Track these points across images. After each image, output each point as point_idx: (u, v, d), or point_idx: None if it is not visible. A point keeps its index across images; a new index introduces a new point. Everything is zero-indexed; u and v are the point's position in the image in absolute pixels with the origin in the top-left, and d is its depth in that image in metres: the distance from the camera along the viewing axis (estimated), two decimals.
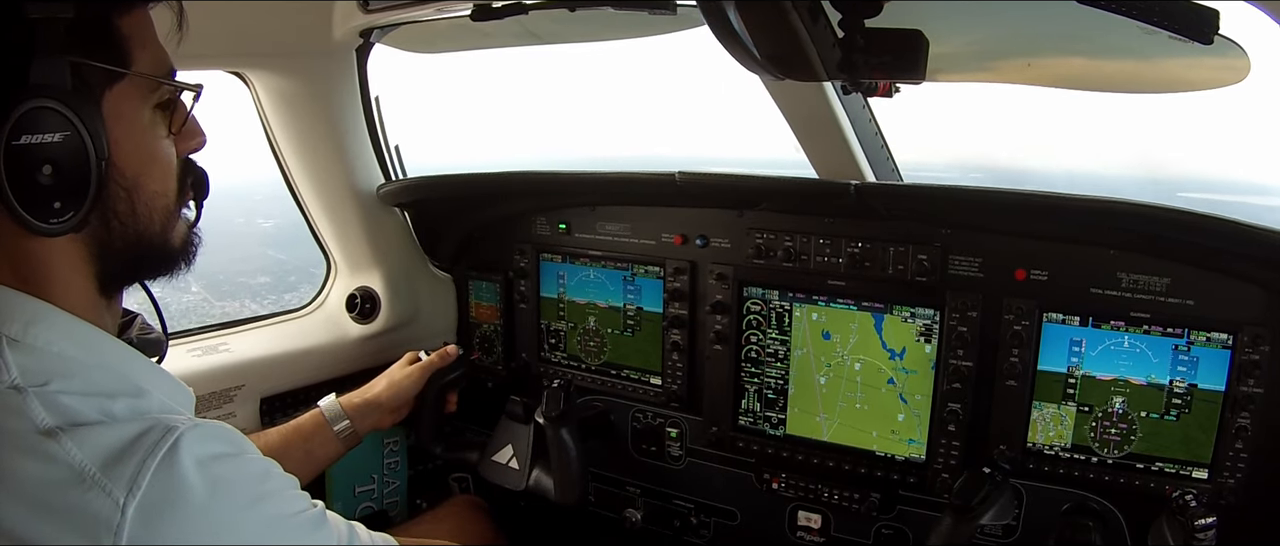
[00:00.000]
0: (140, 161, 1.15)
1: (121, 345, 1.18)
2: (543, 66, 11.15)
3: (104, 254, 1.14)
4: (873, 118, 2.24)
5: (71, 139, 1.03)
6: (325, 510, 1.21)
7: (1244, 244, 1.77)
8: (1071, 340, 1.97)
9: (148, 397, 1.09)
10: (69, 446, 0.97)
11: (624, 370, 2.63)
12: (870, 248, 2.18)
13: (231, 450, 1.08)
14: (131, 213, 1.14)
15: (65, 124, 1.02)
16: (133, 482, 0.96)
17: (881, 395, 2.22)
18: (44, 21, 1.00)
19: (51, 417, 0.99)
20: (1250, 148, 18.49)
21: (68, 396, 1.02)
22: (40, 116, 1.00)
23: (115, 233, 1.13)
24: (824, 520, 2.37)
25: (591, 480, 2.67)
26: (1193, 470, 1.89)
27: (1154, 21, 1.19)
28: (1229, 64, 1.46)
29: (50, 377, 1.02)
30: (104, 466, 0.96)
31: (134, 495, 0.95)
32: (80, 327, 1.11)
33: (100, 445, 0.98)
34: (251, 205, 7.59)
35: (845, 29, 1.40)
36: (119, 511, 0.95)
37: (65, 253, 1.11)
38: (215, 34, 2.19)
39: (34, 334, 1.05)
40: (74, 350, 1.08)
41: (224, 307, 5.36)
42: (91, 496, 0.95)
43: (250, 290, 6.13)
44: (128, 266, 1.20)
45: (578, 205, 2.63)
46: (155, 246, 1.20)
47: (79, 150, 1.04)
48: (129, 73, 1.12)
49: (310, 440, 2.23)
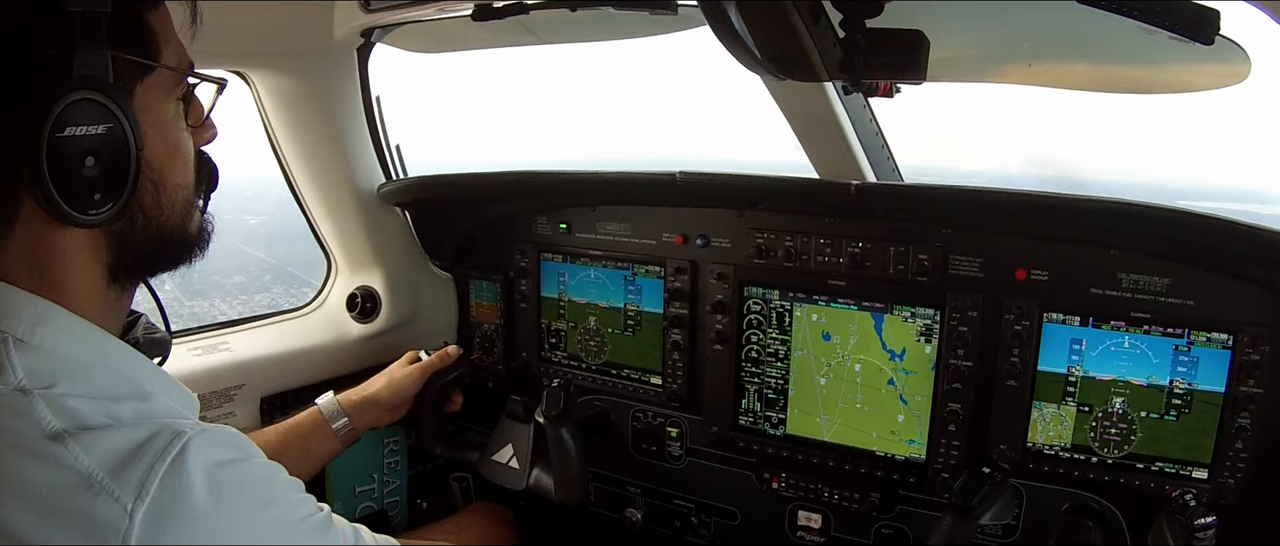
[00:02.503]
0: (167, 154, 1.16)
1: (127, 348, 1.18)
2: (543, 66, 11.11)
3: (123, 245, 1.15)
4: (873, 118, 2.24)
5: (114, 131, 1.04)
6: (331, 513, 1.21)
7: (1244, 244, 1.77)
8: (1072, 340, 1.97)
9: (153, 400, 1.09)
10: (76, 451, 0.97)
11: (624, 370, 2.63)
12: (871, 247, 2.18)
13: (238, 455, 1.08)
14: (156, 204, 1.15)
15: (108, 116, 1.04)
16: (140, 488, 0.96)
17: (881, 396, 2.23)
18: (85, 14, 1.01)
19: (58, 421, 0.99)
20: (1249, 155, 18.46)
21: (74, 399, 1.01)
22: (85, 109, 1.01)
23: (138, 225, 1.14)
24: (824, 520, 2.37)
25: (592, 480, 2.66)
26: (1193, 470, 1.89)
27: (1155, 22, 1.19)
28: (1230, 65, 1.46)
29: (56, 380, 1.02)
30: (112, 471, 0.96)
31: (142, 501, 0.95)
32: (87, 329, 1.11)
33: (107, 450, 0.98)
34: (240, 203, 7.58)
35: (846, 29, 1.40)
36: (127, 517, 0.94)
37: (84, 245, 1.11)
38: (216, 33, 2.16)
39: (40, 334, 1.05)
40: (80, 352, 1.08)
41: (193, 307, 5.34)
42: (99, 502, 0.95)
43: (222, 290, 6.09)
44: (144, 258, 1.20)
45: (578, 205, 2.63)
46: (175, 237, 1.22)
47: (121, 142, 1.05)
48: (158, 66, 1.14)
49: (308, 438, 2.23)
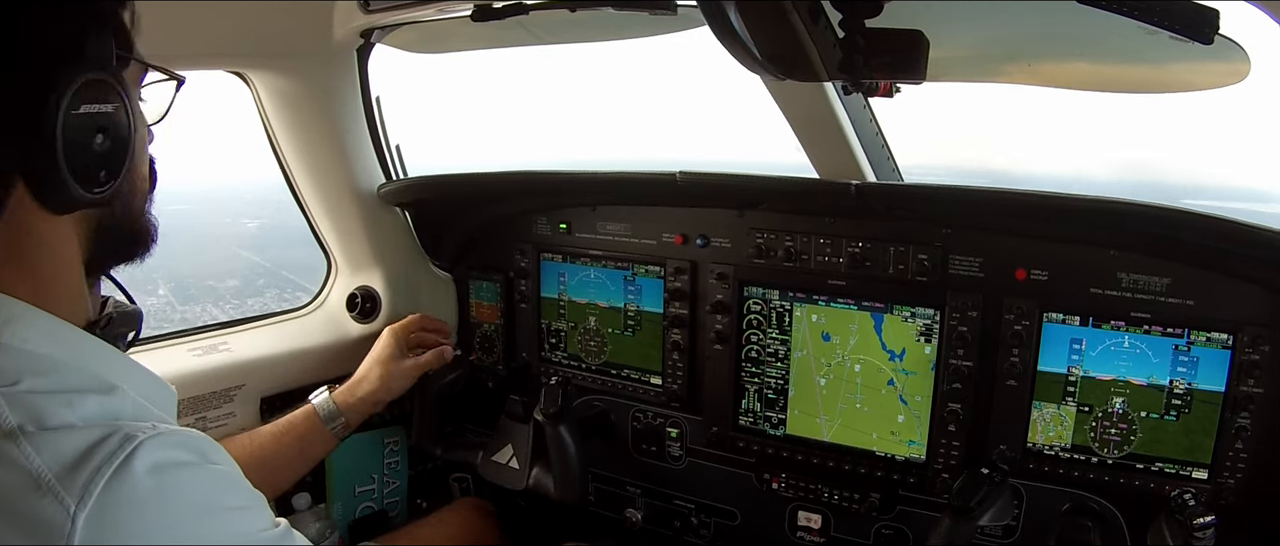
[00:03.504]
0: (139, 141, 1.18)
1: (98, 342, 1.17)
2: (543, 67, 11.11)
3: (100, 233, 1.16)
4: (873, 118, 2.24)
5: (119, 111, 1.08)
6: (290, 529, 1.18)
7: (1244, 244, 1.77)
8: (1072, 340, 1.97)
9: (119, 394, 1.08)
10: (28, 451, 0.96)
11: (624, 370, 2.63)
12: (871, 247, 2.18)
13: (192, 459, 1.05)
14: (131, 190, 1.18)
15: (116, 96, 1.08)
16: (84, 491, 0.94)
17: (881, 397, 2.23)
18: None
19: (16, 417, 0.98)
20: (1250, 153, 18.41)
21: (36, 395, 1.01)
22: (97, 88, 1.05)
23: (118, 211, 1.16)
24: (824, 520, 2.37)
25: (591, 480, 2.67)
26: (1193, 470, 1.89)
27: (1154, 21, 1.19)
28: (1229, 65, 1.46)
29: (22, 376, 1.02)
30: (60, 473, 0.95)
31: (84, 504, 0.94)
32: (58, 326, 1.10)
33: (59, 451, 0.97)
34: (240, 206, 7.57)
35: (846, 29, 1.40)
36: (69, 520, 0.93)
37: (68, 235, 1.12)
38: (216, 34, 2.20)
39: (9, 333, 1.05)
40: (49, 347, 1.08)
41: (185, 312, 5.34)
42: (45, 503, 0.94)
43: (215, 294, 6.08)
44: (115, 248, 1.22)
45: (578, 205, 2.63)
46: (140, 228, 1.24)
47: (124, 123, 1.09)
48: (132, 58, 1.16)
49: (304, 435, 2.23)
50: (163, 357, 2.38)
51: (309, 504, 2.57)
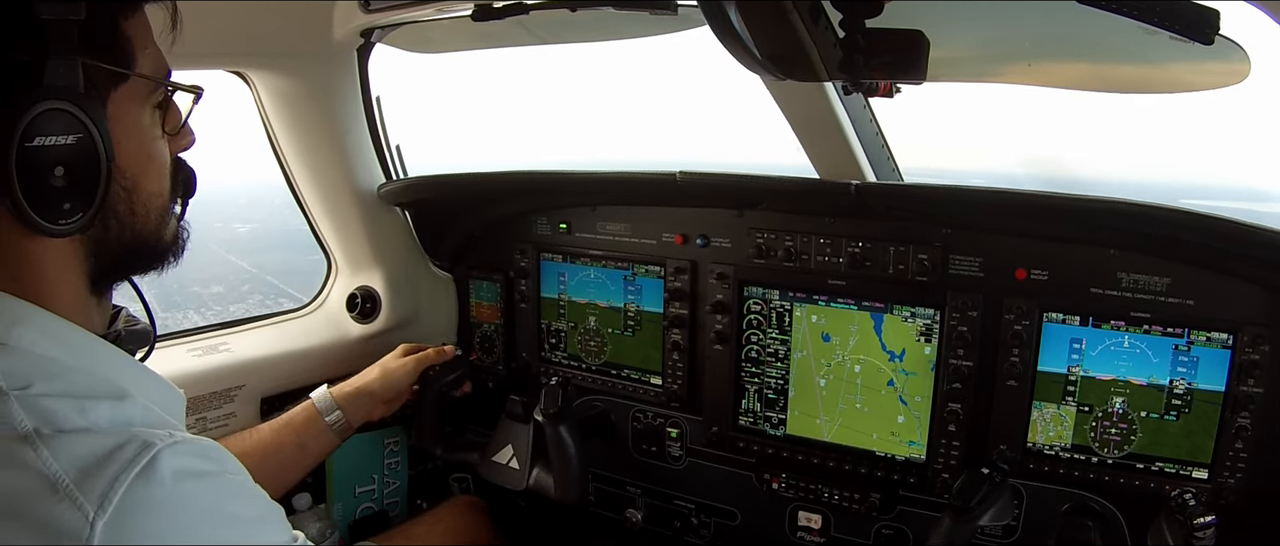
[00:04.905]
0: (140, 162, 1.16)
1: (108, 346, 1.17)
2: (543, 67, 11.17)
3: (99, 253, 1.14)
4: (874, 118, 2.24)
5: (83, 141, 1.03)
6: (305, 541, 1.18)
7: (1244, 244, 1.77)
8: (1072, 340, 1.97)
9: (130, 401, 1.07)
10: (45, 454, 0.96)
11: (624, 370, 2.63)
12: (871, 247, 2.18)
13: (211, 468, 1.06)
14: (130, 212, 1.15)
15: (78, 126, 1.02)
16: (104, 498, 0.94)
17: (881, 397, 2.23)
18: (57, 22, 1.00)
19: (30, 421, 0.97)
20: (1248, 153, 18.42)
21: (48, 399, 1.00)
22: (55, 118, 1.00)
23: (113, 232, 1.14)
24: (824, 520, 2.37)
25: (592, 480, 2.67)
26: (1193, 470, 1.89)
27: (1154, 22, 1.19)
28: (1229, 65, 1.46)
29: (32, 380, 1.01)
30: (77, 478, 0.95)
31: (104, 511, 0.94)
32: (66, 329, 1.10)
33: (76, 455, 0.96)
34: (233, 210, 7.53)
35: (846, 29, 1.40)
36: (88, 525, 0.93)
37: (61, 252, 1.11)
38: (216, 34, 2.20)
39: (18, 335, 1.05)
40: (58, 351, 1.07)
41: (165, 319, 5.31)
42: (62, 508, 0.93)
43: (199, 300, 6.03)
44: (121, 264, 1.20)
45: (578, 205, 2.63)
46: (149, 244, 1.21)
47: (91, 152, 1.04)
48: (132, 74, 1.13)
49: (303, 433, 2.23)
50: (162, 358, 2.37)
51: (309, 504, 2.57)
